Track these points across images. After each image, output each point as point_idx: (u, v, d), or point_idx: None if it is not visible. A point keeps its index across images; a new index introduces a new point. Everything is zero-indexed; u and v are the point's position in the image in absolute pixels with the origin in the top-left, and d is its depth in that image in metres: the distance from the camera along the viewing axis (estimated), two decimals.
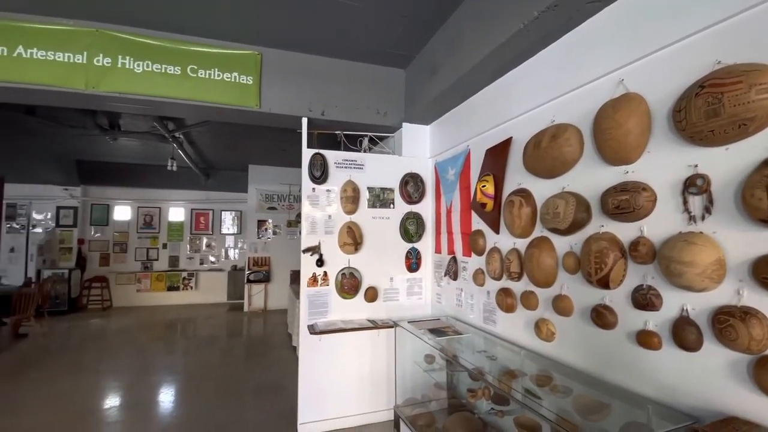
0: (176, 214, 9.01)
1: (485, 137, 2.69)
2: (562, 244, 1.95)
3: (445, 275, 3.25)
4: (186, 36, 3.08)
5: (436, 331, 2.71)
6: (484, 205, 2.50)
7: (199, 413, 3.42)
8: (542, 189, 2.09)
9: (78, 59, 2.85)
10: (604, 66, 1.80)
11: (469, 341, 2.58)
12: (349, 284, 3.31)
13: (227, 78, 3.15)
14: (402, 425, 2.74)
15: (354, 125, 3.53)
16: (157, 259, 8.78)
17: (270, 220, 8.37)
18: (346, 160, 3.39)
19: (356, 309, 3.34)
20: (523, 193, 2.17)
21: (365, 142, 3.63)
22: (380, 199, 3.47)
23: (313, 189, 3.31)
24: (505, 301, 2.31)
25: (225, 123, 5.19)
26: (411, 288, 3.53)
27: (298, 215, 8.46)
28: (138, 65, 2.95)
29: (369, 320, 3.33)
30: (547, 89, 2.12)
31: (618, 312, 1.68)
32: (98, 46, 2.88)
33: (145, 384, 4.17)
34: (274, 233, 8.39)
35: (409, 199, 3.49)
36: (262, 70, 3.24)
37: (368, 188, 3.43)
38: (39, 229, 8.24)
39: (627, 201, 1.58)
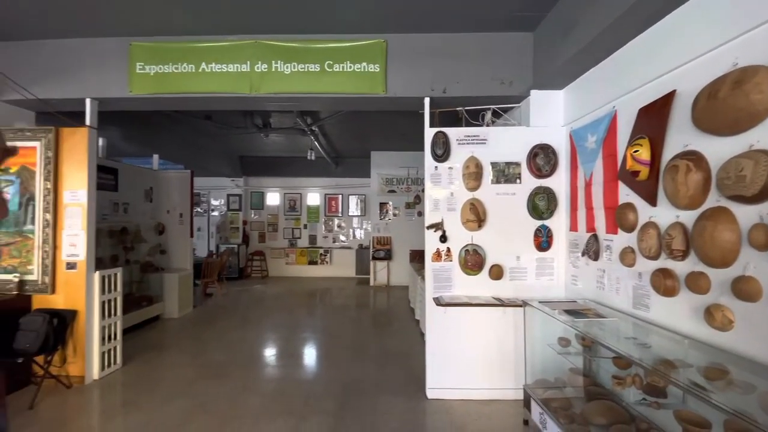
0: (313, 198, 10.26)
1: (637, 95, 2.32)
2: (747, 214, 1.59)
3: (582, 255, 2.97)
4: (323, 35, 3.42)
5: (573, 313, 2.51)
6: (636, 173, 2.18)
7: (339, 367, 3.92)
8: (719, 149, 1.72)
9: (244, 68, 3.46)
10: None
11: (614, 326, 2.33)
12: (473, 261, 3.31)
13: (357, 69, 3.41)
14: (533, 405, 2.67)
15: (476, 99, 3.44)
16: (300, 238, 10.20)
17: (390, 203, 8.85)
18: (468, 136, 3.35)
19: (480, 286, 3.33)
20: (692, 156, 1.82)
21: (488, 115, 3.51)
22: (505, 174, 3.33)
23: (436, 167, 3.37)
24: (664, 283, 2.00)
25: (351, 113, 5.65)
26: (541, 268, 3.33)
27: (416, 197, 8.71)
28: (287, 67, 3.43)
29: (494, 298, 3.28)
30: (726, 26, 1.71)
31: None
32: (257, 55, 3.44)
33: (295, 338, 4.97)
34: (394, 215, 8.84)
35: (539, 173, 3.27)
36: (388, 57, 3.40)
37: (492, 163, 3.33)
38: (216, 213, 10.40)
39: None
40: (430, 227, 3.38)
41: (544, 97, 3.33)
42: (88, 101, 3.55)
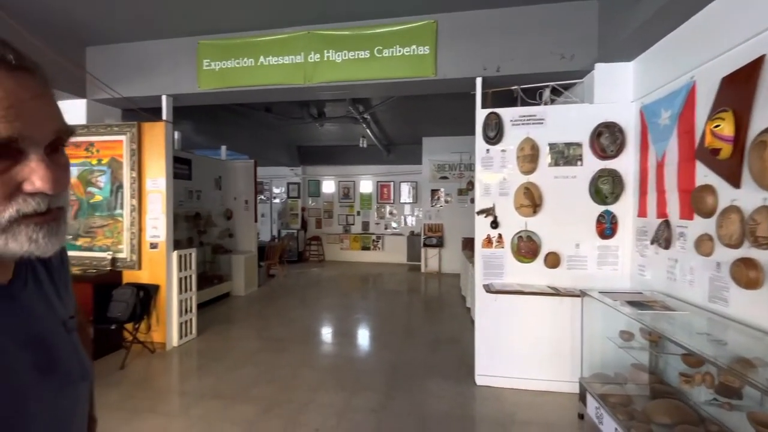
0: (366, 186, 10.45)
1: (719, 62, 2.04)
2: None
3: (652, 243, 2.72)
4: (372, 21, 3.43)
5: (638, 305, 2.33)
6: (716, 151, 1.94)
7: (390, 348, 4.02)
8: None
9: (298, 59, 3.59)
10: None
11: (686, 321, 2.12)
12: (527, 248, 3.18)
13: (407, 52, 3.38)
14: (589, 399, 2.54)
15: (532, 77, 3.25)
16: (353, 224, 10.49)
17: (442, 189, 8.72)
18: (523, 116, 3.18)
19: (535, 274, 3.19)
20: None
21: (546, 93, 3.30)
22: (564, 156, 3.13)
23: (487, 150, 3.26)
24: (746, 274, 1.78)
25: (402, 99, 5.61)
26: (603, 256, 3.11)
27: (469, 183, 8.47)
28: (338, 56, 3.50)
29: (550, 287, 3.14)
30: None
31: None
32: (310, 46, 3.55)
33: (349, 319, 5.17)
34: (446, 201, 8.71)
35: (603, 154, 3.02)
36: (438, 37, 3.33)
37: (549, 145, 3.14)
38: (277, 200, 11.03)
39: None
40: (480, 213, 3.30)
41: (611, 71, 3.05)
42: (164, 97, 3.93)
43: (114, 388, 3.12)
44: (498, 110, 3.20)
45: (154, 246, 3.90)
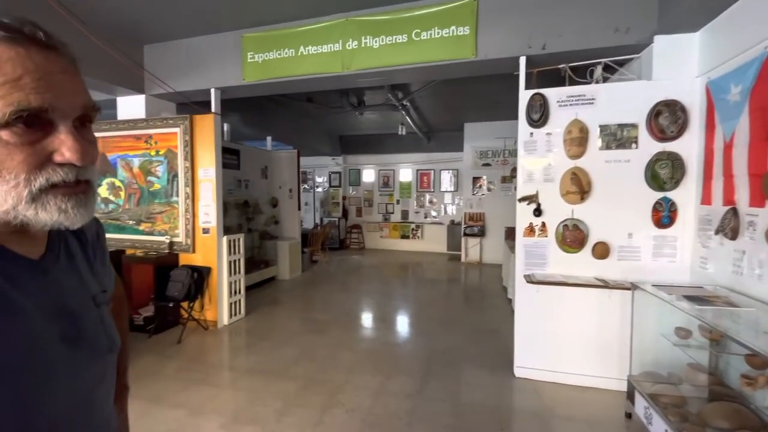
0: (405, 174, 10.39)
1: None
2: None
3: (716, 233, 2.47)
4: (409, 3, 3.36)
5: (696, 300, 2.14)
6: None
7: (427, 336, 4.03)
8: None
9: (336, 47, 3.61)
10: None
11: (752, 318, 1.91)
12: (572, 237, 3.02)
13: (445, 34, 3.28)
14: (638, 398, 2.39)
15: (582, 54, 3.03)
16: (393, 213, 10.52)
17: (484, 177, 8.46)
18: (572, 97, 2.98)
19: (580, 265, 3.03)
20: None
21: (597, 71, 3.07)
22: (617, 138, 2.90)
23: (531, 134, 3.11)
24: None
25: (442, 84, 5.48)
26: (659, 247, 2.87)
27: (513, 170, 8.13)
28: (375, 41, 3.48)
29: (597, 279, 2.97)
30: None
31: None
32: (348, 33, 3.55)
33: (387, 305, 5.24)
34: (488, 189, 8.44)
35: (662, 135, 2.77)
36: (479, 16, 3.19)
37: (600, 126, 2.92)
38: (320, 189, 11.31)
39: None
40: (522, 200, 3.17)
41: (672, 43, 2.76)
42: (212, 90, 4.15)
43: (172, 360, 3.42)
44: (543, 91, 3.03)
45: (206, 231, 4.17)
